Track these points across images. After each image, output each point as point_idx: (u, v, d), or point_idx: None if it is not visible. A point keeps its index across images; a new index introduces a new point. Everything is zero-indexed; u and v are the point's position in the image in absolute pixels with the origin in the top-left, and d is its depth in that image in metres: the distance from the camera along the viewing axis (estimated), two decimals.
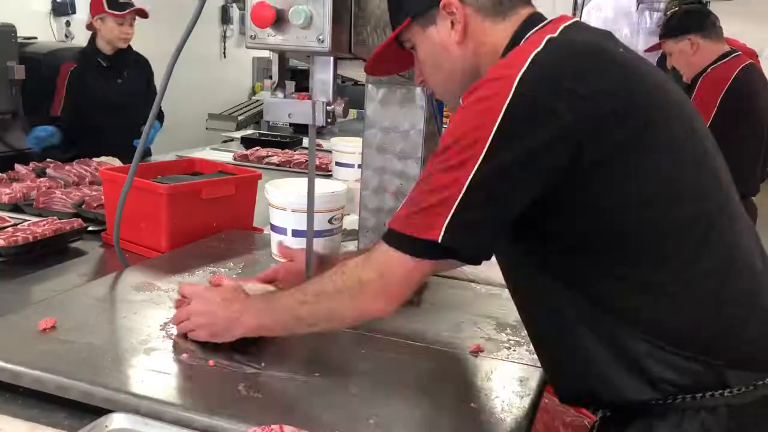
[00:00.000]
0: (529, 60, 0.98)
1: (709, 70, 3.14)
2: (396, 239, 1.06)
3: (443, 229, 0.99)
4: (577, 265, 1.05)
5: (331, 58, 1.29)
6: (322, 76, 1.32)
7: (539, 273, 1.09)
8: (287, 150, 3.81)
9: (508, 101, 0.96)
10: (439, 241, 0.99)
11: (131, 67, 3.61)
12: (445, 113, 2.14)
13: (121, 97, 3.53)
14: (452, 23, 1.15)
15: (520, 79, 0.96)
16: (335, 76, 1.32)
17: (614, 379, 1.04)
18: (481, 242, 1.03)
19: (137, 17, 3.41)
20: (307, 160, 3.40)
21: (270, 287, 1.41)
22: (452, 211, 0.99)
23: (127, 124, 3.40)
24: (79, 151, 3.20)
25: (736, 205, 1.10)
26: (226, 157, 3.53)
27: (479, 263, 1.05)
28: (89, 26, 3.51)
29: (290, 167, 3.47)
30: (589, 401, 1.17)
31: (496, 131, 0.96)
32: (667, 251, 1.02)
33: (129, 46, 3.54)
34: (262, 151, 3.68)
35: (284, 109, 1.36)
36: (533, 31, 1.09)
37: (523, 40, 1.09)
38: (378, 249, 1.09)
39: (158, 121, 3.45)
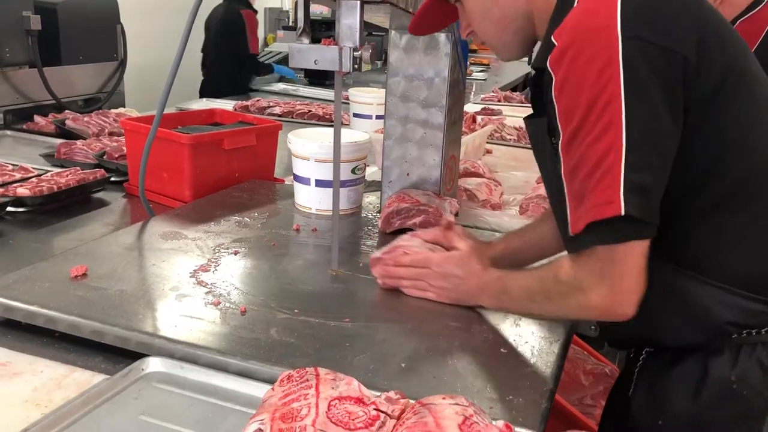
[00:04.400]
0: (619, 3, 0.93)
1: (738, 23, 3.04)
2: (590, 236, 0.96)
3: (622, 197, 0.91)
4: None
5: (359, 2, 1.26)
6: (349, 21, 1.29)
7: None
8: (277, 100, 3.80)
9: (621, 52, 0.91)
10: (623, 212, 0.91)
11: None
12: (469, 62, 2.10)
13: None
14: None
15: (622, 25, 0.92)
16: (362, 21, 1.29)
17: (674, 323, 1.05)
18: (656, 204, 0.95)
19: None
20: (309, 111, 3.45)
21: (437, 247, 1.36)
22: (622, 176, 0.91)
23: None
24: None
25: None
26: (226, 107, 3.50)
27: (653, 236, 0.96)
28: None
29: (293, 118, 3.45)
30: (641, 344, 1.17)
31: (625, 86, 0.91)
32: (747, 196, 1.01)
33: None
34: (263, 102, 3.66)
35: (310, 55, 1.33)
36: None
37: None
38: (577, 258, 1.01)
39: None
